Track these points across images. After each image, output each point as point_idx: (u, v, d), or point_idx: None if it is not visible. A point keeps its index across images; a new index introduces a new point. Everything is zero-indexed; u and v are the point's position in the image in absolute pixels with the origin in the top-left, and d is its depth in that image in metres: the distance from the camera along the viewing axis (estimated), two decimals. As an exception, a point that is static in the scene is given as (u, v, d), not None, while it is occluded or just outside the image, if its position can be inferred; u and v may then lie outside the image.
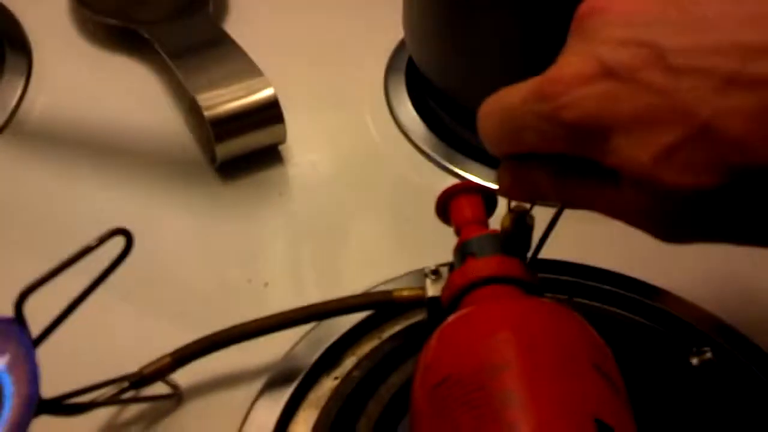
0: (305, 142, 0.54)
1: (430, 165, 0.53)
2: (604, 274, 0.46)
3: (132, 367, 0.39)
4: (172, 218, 0.50)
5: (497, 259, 0.36)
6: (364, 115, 0.56)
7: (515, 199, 0.35)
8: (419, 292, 0.40)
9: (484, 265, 0.36)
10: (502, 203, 0.38)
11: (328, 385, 0.42)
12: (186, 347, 0.40)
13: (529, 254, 0.38)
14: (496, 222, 0.39)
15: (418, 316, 0.43)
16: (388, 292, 0.41)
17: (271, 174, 0.52)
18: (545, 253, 0.38)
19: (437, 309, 0.38)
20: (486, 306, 0.35)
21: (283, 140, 0.52)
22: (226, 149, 0.50)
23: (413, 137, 0.54)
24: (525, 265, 0.36)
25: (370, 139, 0.55)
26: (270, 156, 0.53)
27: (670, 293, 0.45)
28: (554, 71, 0.28)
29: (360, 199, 0.52)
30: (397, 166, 0.54)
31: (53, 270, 0.33)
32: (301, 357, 0.42)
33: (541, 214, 0.37)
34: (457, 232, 0.39)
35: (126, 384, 0.38)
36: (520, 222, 0.36)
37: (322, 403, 0.41)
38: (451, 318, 0.35)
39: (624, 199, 0.29)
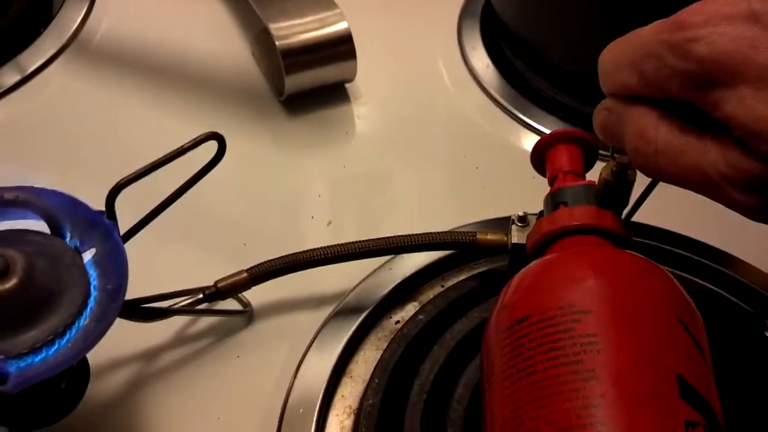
0: (374, 82, 0.52)
1: (501, 113, 0.52)
2: (682, 239, 0.44)
3: (203, 282, 0.39)
4: (235, 149, 0.48)
5: (591, 209, 0.35)
6: (436, 59, 0.55)
7: (609, 140, 0.34)
8: (503, 237, 0.39)
9: (576, 214, 0.35)
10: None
11: (389, 327, 0.41)
12: (262, 265, 0.39)
13: (626, 211, 0.36)
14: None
15: (482, 267, 0.43)
16: (473, 233, 0.40)
17: (337, 112, 0.51)
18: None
19: (520, 256, 0.37)
20: (574, 251, 0.34)
21: (352, 77, 0.51)
22: (295, 82, 0.49)
23: (485, 84, 0.53)
24: (619, 219, 0.35)
25: (441, 83, 0.54)
26: (337, 93, 0.52)
27: (748, 264, 0.44)
28: (697, 5, 0.27)
29: (427, 144, 0.50)
30: (467, 112, 0.52)
31: (146, 168, 0.33)
32: (364, 297, 0.42)
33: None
34: (551, 181, 0.38)
35: (201, 295, 0.38)
36: (621, 175, 0.35)
37: (383, 345, 0.40)
38: (537, 261, 0.34)
39: (727, 161, 0.27)
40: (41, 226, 0.33)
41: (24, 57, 0.54)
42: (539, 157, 0.40)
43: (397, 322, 0.41)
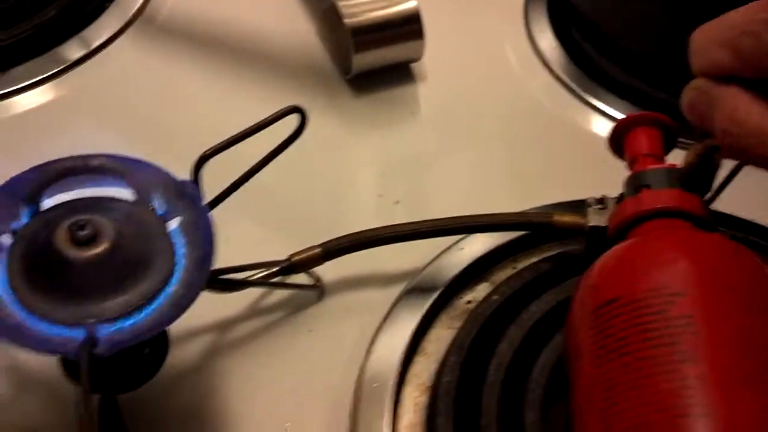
0: (440, 62, 0.52)
1: (569, 96, 0.51)
2: (760, 229, 0.43)
3: (270, 257, 0.39)
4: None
5: (677, 192, 0.34)
6: (502, 40, 0.54)
7: (698, 121, 0.33)
8: (581, 219, 0.38)
9: (661, 196, 0.34)
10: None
11: (460, 307, 0.41)
12: (336, 241, 0.39)
13: (708, 196, 0.36)
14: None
15: (554, 250, 0.42)
16: (549, 215, 0.40)
17: (403, 91, 0.51)
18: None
19: (598, 239, 0.37)
20: (663, 233, 0.33)
21: (419, 57, 0.51)
22: (363, 61, 0.49)
23: (553, 66, 0.52)
24: (704, 203, 0.35)
25: (507, 65, 0.53)
26: (403, 73, 0.51)
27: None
28: None
29: (493, 125, 0.50)
30: (534, 95, 0.52)
31: (231, 139, 0.33)
32: (435, 276, 0.41)
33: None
34: (631, 164, 0.37)
35: (276, 268, 0.38)
36: (707, 158, 0.34)
37: (455, 324, 0.40)
38: (624, 243, 0.33)
39: None
40: (125, 194, 0.33)
41: (88, 32, 0.54)
42: (618, 140, 0.39)
43: (469, 302, 0.41)
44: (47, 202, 0.32)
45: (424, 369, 0.39)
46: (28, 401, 0.37)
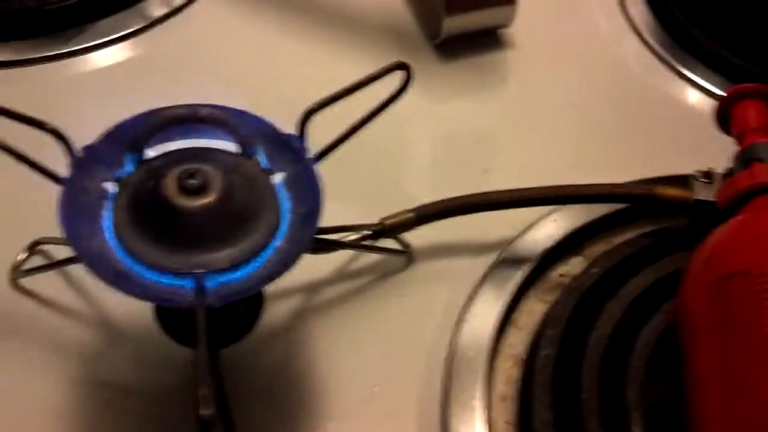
0: (529, 29, 0.50)
1: (662, 67, 0.49)
2: None
3: (358, 220, 0.38)
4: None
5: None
6: (593, 6, 0.53)
7: None
8: (686, 193, 0.37)
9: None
10: None
11: (553, 280, 0.40)
12: (429, 206, 0.39)
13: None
14: None
15: (652, 225, 0.41)
16: (650, 187, 0.38)
17: (492, 58, 0.50)
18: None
19: (704, 213, 0.36)
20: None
21: (509, 23, 0.49)
22: (454, 24, 0.48)
23: (645, 35, 0.51)
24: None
25: (599, 33, 0.51)
26: (491, 39, 0.50)
27: None
28: None
29: (582, 94, 0.49)
30: (626, 64, 0.50)
31: (336, 94, 0.32)
32: (527, 247, 0.40)
33: None
34: (739, 138, 0.36)
35: (368, 231, 0.37)
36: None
37: (548, 297, 0.39)
38: (741, 216, 0.32)
39: None
40: (228, 146, 0.32)
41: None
42: (724, 113, 0.38)
43: (561, 275, 0.40)
44: (149, 152, 0.32)
45: (517, 341, 0.38)
46: (118, 355, 0.37)
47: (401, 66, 0.33)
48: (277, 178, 0.32)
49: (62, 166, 0.31)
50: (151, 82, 0.48)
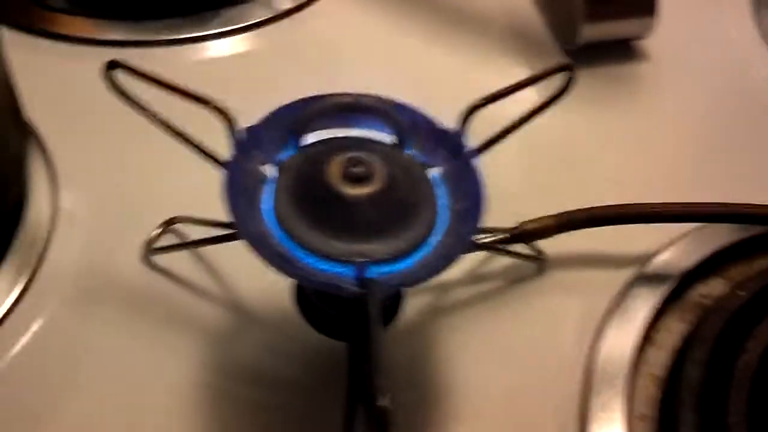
0: (664, 41, 0.49)
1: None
2: None
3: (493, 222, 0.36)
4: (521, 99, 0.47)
5: None
6: (729, 23, 0.51)
7: None
8: None
9: None
10: None
11: (693, 300, 0.39)
12: (571, 213, 0.38)
13: None
14: None
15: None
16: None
17: (625, 69, 0.49)
18: None
19: None
20: None
21: (647, 34, 0.48)
22: (592, 32, 0.47)
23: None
24: None
25: (733, 49, 0.50)
26: (624, 49, 0.49)
27: None
28: None
29: (721, 113, 0.47)
30: (757, 80, 0.48)
31: (500, 91, 0.31)
32: (668, 264, 0.39)
33: None
34: None
35: (506, 235, 0.37)
36: None
37: (687, 316, 0.38)
38: None
39: None
40: (384, 137, 0.32)
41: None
42: None
43: (702, 295, 0.39)
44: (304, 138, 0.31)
45: (655, 360, 0.37)
46: (250, 341, 0.36)
47: (566, 67, 0.32)
48: (433, 172, 0.31)
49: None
50: (277, 73, 0.48)
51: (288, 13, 0.51)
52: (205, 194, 0.38)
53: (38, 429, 0.34)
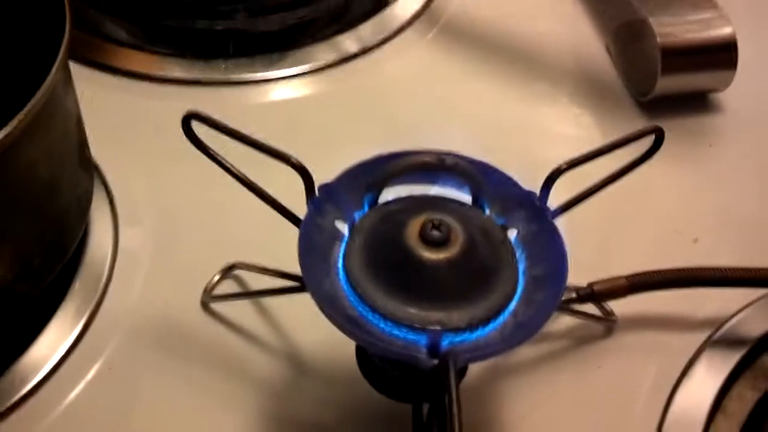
0: (740, 93, 0.47)
1: None
2: None
3: None
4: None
5: None
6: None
7: None
8: None
9: None
10: None
11: (766, 366, 0.37)
12: (643, 275, 0.36)
13: None
14: None
15: None
16: None
17: (701, 122, 0.47)
18: None
19: None
20: None
21: (725, 87, 0.46)
22: (667, 84, 0.45)
23: None
24: None
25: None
26: (700, 101, 0.48)
27: None
28: None
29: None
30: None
31: (587, 155, 0.30)
32: (741, 329, 0.37)
33: None
34: None
35: (574, 294, 0.35)
36: None
37: (761, 384, 0.36)
38: None
39: None
40: (462, 197, 0.31)
41: (364, 28, 0.52)
42: None
43: (775, 361, 0.37)
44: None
45: (724, 429, 0.35)
46: (308, 397, 0.35)
47: (655, 130, 0.31)
48: (511, 234, 0.30)
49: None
50: (343, 118, 0.47)
51: (355, 56, 0.50)
52: (267, 242, 0.37)
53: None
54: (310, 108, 0.48)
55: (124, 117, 0.46)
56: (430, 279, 0.27)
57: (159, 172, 0.43)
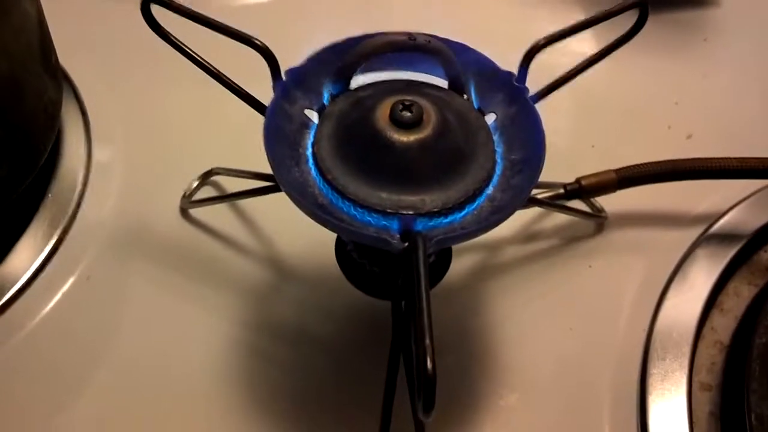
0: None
1: None
2: None
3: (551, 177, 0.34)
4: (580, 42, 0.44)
5: None
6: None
7: None
8: None
9: None
10: None
11: (763, 262, 0.36)
12: (633, 168, 0.35)
13: None
14: None
15: None
16: None
17: (695, 16, 0.45)
18: None
19: None
20: None
21: (720, -22, 0.45)
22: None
23: None
24: None
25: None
26: (695, -4, 0.46)
27: None
28: None
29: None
30: None
31: (568, 29, 0.29)
32: (735, 224, 0.36)
33: None
34: None
35: (561, 190, 0.34)
36: None
37: (756, 280, 0.35)
38: None
39: None
40: (438, 81, 0.29)
41: None
42: None
43: (771, 256, 0.36)
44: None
45: (720, 325, 0.34)
46: (287, 298, 0.35)
47: (638, 4, 0.29)
48: (488, 119, 0.29)
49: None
50: (321, 10, 0.45)
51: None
52: (245, 145, 0.36)
53: (74, 383, 0.32)
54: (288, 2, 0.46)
55: (94, 23, 0.44)
56: (401, 162, 0.26)
57: (131, 79, 0.42)
